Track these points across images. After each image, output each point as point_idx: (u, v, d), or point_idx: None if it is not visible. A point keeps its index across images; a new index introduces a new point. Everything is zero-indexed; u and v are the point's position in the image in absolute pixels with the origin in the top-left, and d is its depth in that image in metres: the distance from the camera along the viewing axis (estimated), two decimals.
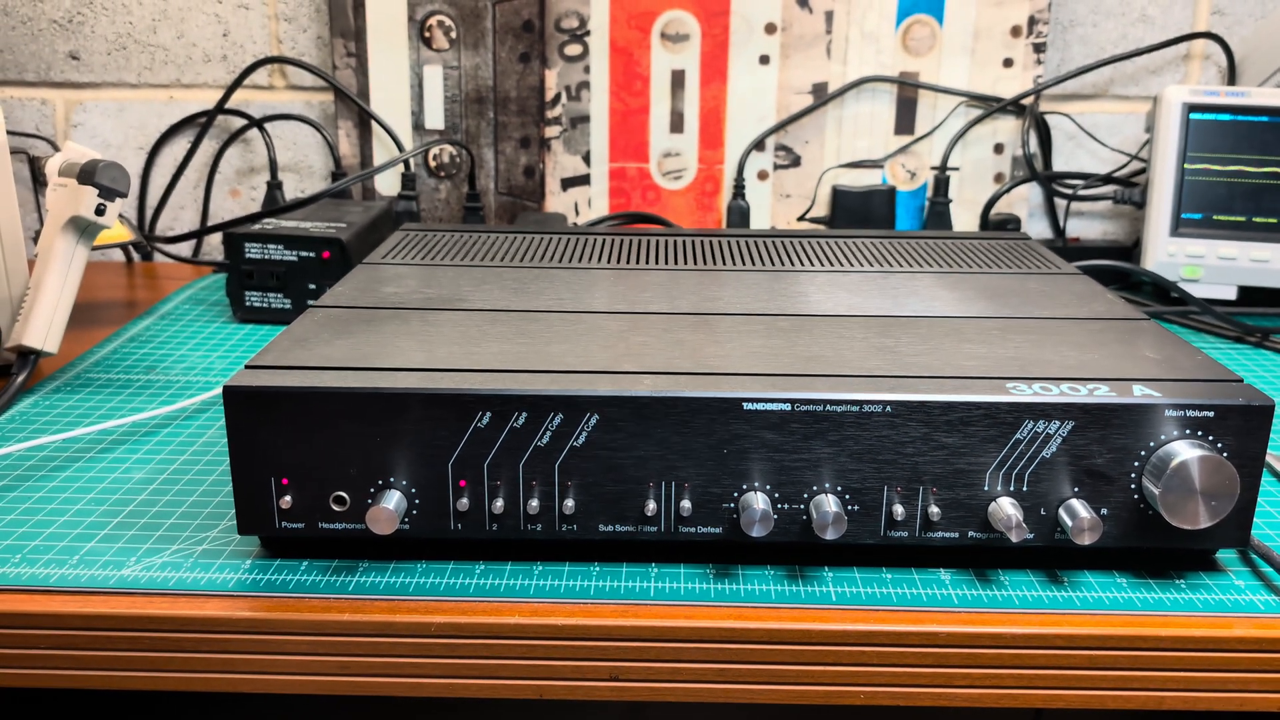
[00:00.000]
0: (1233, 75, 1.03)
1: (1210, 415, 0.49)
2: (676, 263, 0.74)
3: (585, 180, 1.08)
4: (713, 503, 0.50)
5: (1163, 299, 0.96)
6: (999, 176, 1.07)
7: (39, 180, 1.09)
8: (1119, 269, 0.92)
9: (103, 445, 0.65)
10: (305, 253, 0.87)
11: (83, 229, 0.74)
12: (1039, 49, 1.03)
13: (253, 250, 0.87)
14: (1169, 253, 0.93)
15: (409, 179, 1.05)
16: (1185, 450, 0.48)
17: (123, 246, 1.10)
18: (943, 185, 1.05)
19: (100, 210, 0.72)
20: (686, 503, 0.50)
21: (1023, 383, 0.51)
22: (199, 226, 1.10)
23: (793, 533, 0.51)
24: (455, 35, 1.04)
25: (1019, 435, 0.49)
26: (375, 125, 1.07)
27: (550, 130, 1.06)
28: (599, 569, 0.52)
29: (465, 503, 0.50)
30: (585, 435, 0.50)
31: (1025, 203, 1.07)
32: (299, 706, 0.73)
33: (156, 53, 1.08)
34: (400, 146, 1.06)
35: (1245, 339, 0.86)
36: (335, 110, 1.07)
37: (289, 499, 0.51)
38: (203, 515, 0.57)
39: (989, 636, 0.47)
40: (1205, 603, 0.49)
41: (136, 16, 1.07)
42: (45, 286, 0.73)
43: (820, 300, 0.65)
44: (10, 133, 1.08)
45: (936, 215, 1.06)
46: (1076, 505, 0.50)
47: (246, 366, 0.52)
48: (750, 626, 0.48)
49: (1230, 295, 0.93)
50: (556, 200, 1.08)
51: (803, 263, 0.74)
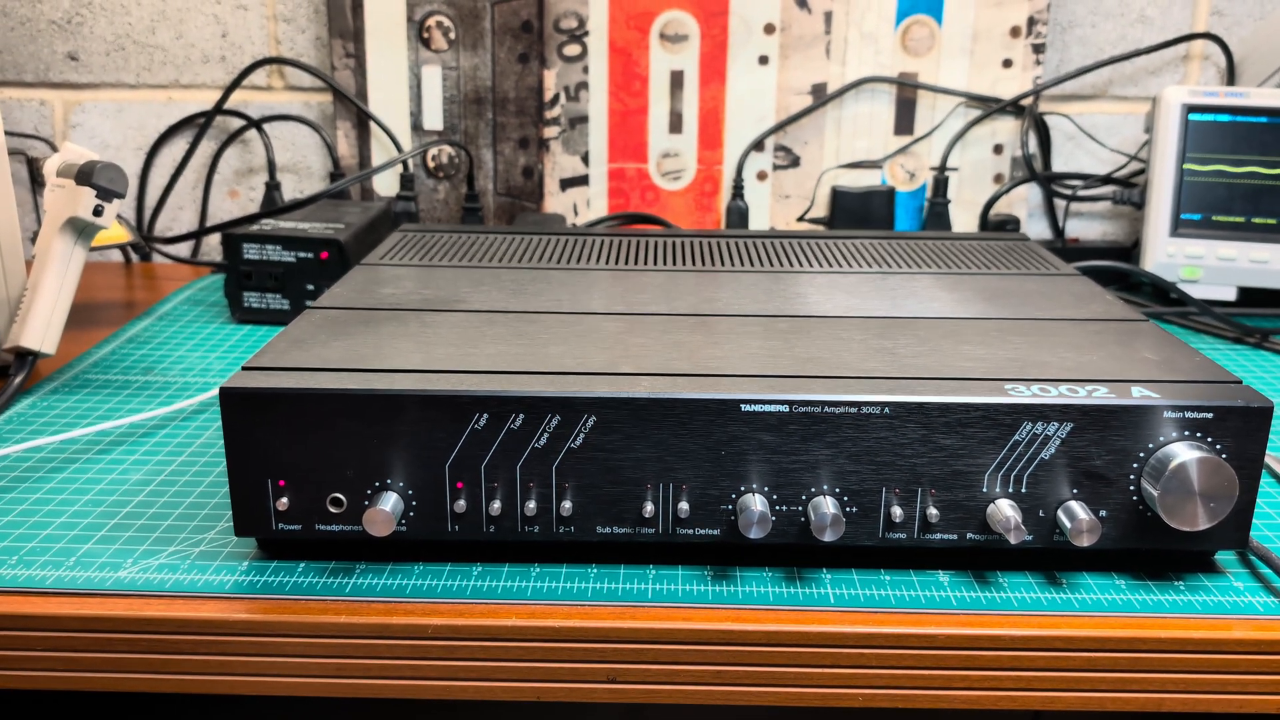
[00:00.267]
0: (1232, 76, 1.03)
1: (1209, 417, 0.49)
2: (675, 264, 0.73)
3: (584, 181, 1.08)
4: (711, 504, 0.50)
5: (1162, 300, 0.96)
6: (998, 177, 1.07)
7: (37, 181, 1.08)
8: (1118, 270, 0.92)
9: (100, 446, 0.65)
10: (303, 253, 0.87)
11: (80, 230, 0.74)
12: (1038, 49, 1.03)
13: (251, 251, 0.87)
14: (1168, 253, 0.93)
15: (407, 180, 1.05)
16: (1184, 452, 0.48)
17: (121, 247, 1.10)
18: (942, 186, 1.05)
19: (98, 211, 0.72)
20: (684, 504, 0.50)
21: (1021, 384, 0.51)
22: (197, 227, 1.10)
23: (791, 534, 0.51)
24: (454, 36, 1.04)
25: (1017, 437, 0.49)
26: (374, 126, 1.06)
27: (549, 131, 1.06)
28: (596, 570, 0.52)
29: (462, 504, 0.50)
30: (583, 437, 0.49)
31: (1024, 203, 1.07)
32: (296, 708, 0.73)
33: (155, 53, 1.08)
34: (399, 147, 1.06)
35: (1244, 340, 0.86)
36: (334, 111, 1.07)
37: (286, 501, 0.50)
38: (200, 517, 0.56)
39: (987, 638, 0.47)
40: (1204, 604, 0.49)
41: (135, 17, 1.07)
42: (43, 287, 0.73)
43: (819, 301, 0.64)
44: (9, 133, 1.08)
45: (936, 216, 1.05)
46: (1075, 507, 0.49)
47: (243, 368, 0.52)
48: (748, 628, 0.48)
49: (1229, 296, 0.93)
50: (555, 201, 1.08)
51: (801, 264, 0.74)
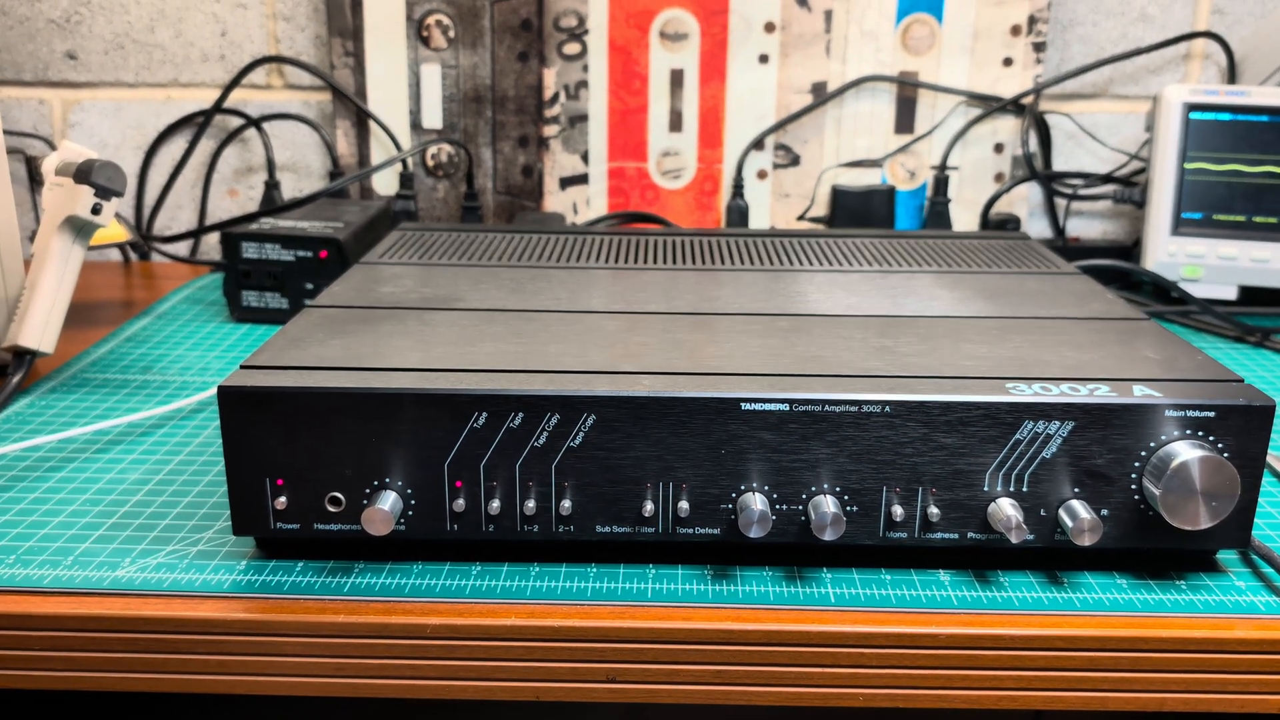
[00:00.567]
0: (1233, 75, 1.03)
1: (1211, 415, 0.49)
2: (675, 262, 0.73)
3: (584, 179, 1.07)
4: (711, 503, 0.50)
5: (1163, 299, 0.96)
6: (999, 176, 1.06)
7: (35, 179, 1.08)
8: (1119, 269, 0.92)
9: (98, 446, 0.65)
10: (302, 252, 0.87)
11: (79, 228, 0.73)
12: (1039, 48, 1.03)
13: (250, 250, 0.87)
14: (1169, 252, 0.93)
15: (407, 178, 1.05)
16: (1186, 451, 0.48)
17: (120, 246, 1.10)
18: (942, 185, 1.05)
19: (96, 209, 0.72)
20: (684, 503, 0.50)
21: (1022, 383, 0.50)
22: (196, 226, 1.10)
23: (791, 534, 0.50)
24: (453, 34, 1.04)
25: (1019, 435, 0.49)
26: (373, 124, 1.06)
27: (548, 129, 1.06)
28: (596, 570, 0.52)
29: (461, 503, 0.50)
30: (582, 435, 0.49)
31: (1025, 202, 1.07)
32: (295, 708, 0.73)
33: (154, 52, 1.08)
34: (398, 146, 1.06)
35: (1245, 339, 0.86)
36: (333, 109, 1.07)
37: (284, 500, 0.50)
38: (198, 516, 0.56)
39: (988, 638, 0.47)
40: (1206, 604, 0.49)
41: (134, 16, 1.07)
42: (41, 286, 0.73)
43: (819, 300, 0.64)
44: (7, 132, 1.07)
45: (936, 215, 1.05)
46: (1076, 506, 0.49)
47: (242, 366, 0.51)
48: (748, 628, 0.48)
49: (1230, 295, 0.93)
50: (555, 199, 1.08)
51: (802, 262, 0.73)
